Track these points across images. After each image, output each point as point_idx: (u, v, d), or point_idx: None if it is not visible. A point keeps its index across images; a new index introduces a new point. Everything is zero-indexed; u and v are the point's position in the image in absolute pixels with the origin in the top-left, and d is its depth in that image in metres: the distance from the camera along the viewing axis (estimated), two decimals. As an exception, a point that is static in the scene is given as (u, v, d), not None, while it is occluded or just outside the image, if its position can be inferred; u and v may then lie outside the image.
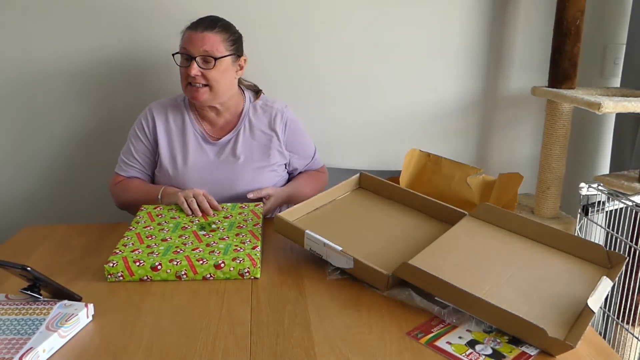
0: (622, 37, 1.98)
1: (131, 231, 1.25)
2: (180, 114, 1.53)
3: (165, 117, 1.53)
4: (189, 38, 1.42)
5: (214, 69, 1.42)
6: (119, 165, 1.57)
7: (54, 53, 1.78)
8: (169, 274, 1.12)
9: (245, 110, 1.55)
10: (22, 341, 0.87)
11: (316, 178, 1.67)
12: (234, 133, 1.52)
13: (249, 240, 1.20)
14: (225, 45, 1.43)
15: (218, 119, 1.53)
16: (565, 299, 0.98)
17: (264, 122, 1.55)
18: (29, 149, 1.86)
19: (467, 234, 1.17)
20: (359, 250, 1.12)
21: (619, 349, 1.57)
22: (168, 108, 1.54)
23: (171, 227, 1.27)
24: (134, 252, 1.15)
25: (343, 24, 1.86)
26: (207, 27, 1.42)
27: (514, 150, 2.07)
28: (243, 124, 1.53)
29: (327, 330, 0.95)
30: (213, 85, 1.43)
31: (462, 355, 0.88)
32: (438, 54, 1.93)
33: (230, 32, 1.46)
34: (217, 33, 1.42)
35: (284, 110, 1.57)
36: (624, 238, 1.46)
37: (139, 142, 1.54)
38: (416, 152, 1.69)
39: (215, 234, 1.23)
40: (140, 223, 1.30)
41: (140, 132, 1.54)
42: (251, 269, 1.12)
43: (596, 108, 1.57)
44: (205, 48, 1.40)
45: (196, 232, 1.24)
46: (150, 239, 1.22)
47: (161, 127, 1.52)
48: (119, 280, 1.12)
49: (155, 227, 1.27)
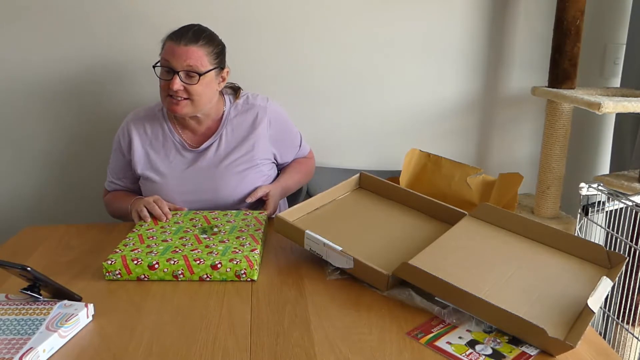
0: (622, 37, 1.98)
1: (134, 232, 1.26)
2: (159, 124, 1.50)
3: (143, 130, 1.50)
4: (172, 51, 1.35)
5: (197, 83, 1.37)
6: (107, 180, 1.60)
7: (54, 53, 1.78)
8: (166, 273, 1.12)
9: (226, 114, 1.51)
10: (22, 341, 0.87)
11: (304, 164, 1.66)
12: (215, 138, 1.49)
13: (249, 243, 1.20)
14: (209, 59, 1.38)
15: (199, 127, 1.49)
16: (565, 299, 0.98)
17: (246, 122, 1.51)
18: (28, 149, 1.86)
19: (467, 234, 1.17)
20: (359, 250, 1.12)
21: (619, 349, 1.57)
22: (145, 120, 1.51)
23: (173, 230, 1.28)
24: (133, 251, 1.16)
25: (343, 24, 1.86)
26: (190, 40, 1.35)
27: (514, 150, 2.07)
28: (224, 128, 1.49)
29: (327, 330, 0.95)
30: (195, 99, 1.39)
31: (462, 355, 0.88)
32: (438, 54, 1.93)
33: (214, 45, 1.40)
34: (201, 47, 1.36)
35: (266, 106, 1.53)
36: (624, 238, 1.46)
37: (118, 157, 1.54)
38: (416, 152, 1.69)
39: (216, 237, 1.24)
40: (144, 226, 1.30)
41: (117, 148, 1.53)
42: (248, 270, 1.12)
43: (596, 108, 1.57)
44: (189, 63, 1.34)
45: (197, 236, 1.25)
46: (152, 239, 1.22)
47: (137, 141, 1.49)
48: (116, 278, 1.12)
49: (158, 230, 1.28)
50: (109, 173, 1.58)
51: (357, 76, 1.92)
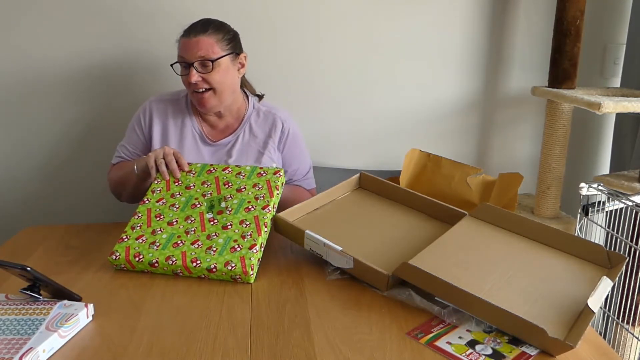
0: (622, 37, 1.98)
1: (144, 205, 1.26)
2: (181, 111, 1.53)
3: (165, 113, 1.52)
4: (184, 46, 1.40)
5: (213, 71, 1.40)
6: (114, 155, 1.58)
7: (54, 53, 1.78)
8: (166, 271, 1.15)
9: (248, 115, 1.54)
10: (22, 341, 0.87)
11: (300, 192, 1.58)
12: (233, 137, 1.51)
13: (250, 234, 1.16)
14: (220, 45, 1.41)
15: (219, 122, 1.52)
16: (565, 299, 0.98)
17: (264, 129, 1.53)
18: (29, 149, 1.86)
19: (467, 234, 1.17)
20: (359, 250, 1.12)
21: (619, 349, 1.57)
22: (168, 104, 1.54)
23: (182, 202, 1.26)
24: (138, 239, 1.18)
25: (343, 24, 1.86)
26: (199, 31, 1.40)
27: (514, 150, 2.07)
28: (243, 129, 1.52)
29: (327, 330, 0.95)
30: (216, 87, 1.42)
31: (462, 356, 0.88)
32: (438, 54, 1.93)
33: (224, 32, 1.44)
34: (210, 35, 1.40)
35: (286, 119, 1.55)
36: (624, 238, 1.46)
37: (134, 135, 1.54)
38: (416, 152, 1.69)
39: (220, 219, 1.21)
40: (156, 193, 1.29)
41: (137, 125, 1.54)
42: (242, 276, 1.11)
43: (596, 108, 1.57)
44: (200, 53, 1.38)
45: (203, 216, 1.22)
46: (158, 219, 1.22)
47: (158, 124, 1.51)
48: (122, 269, 1.18)
49: (168, 201, 1.26)
50: (119, 149, 1.56)
51: (357, 76, 1.92)
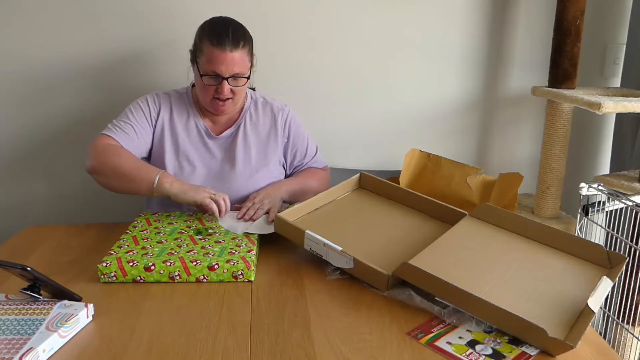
0: (622, 37, 1.98)
1: (127, 234, 1.26)
2: (185, 107, 1.53)
3: (170, 108, 1.52)
4: (217, 58, 1.36)
5: (244, 85, 1.43)
6: (110, 128, 1.44)
7: (54, 53, 1.77)
8: (162, 275, 1.11)
9: (247, 106, 1.56)
10: (22, 341, 0.87)
11: (316, 173, 1.64)
12: (234, 127, 1.53)
13: (245, 244, 1.20)
14: (249, 58, 1.42)
15: (222, 117, 1.53)
16: (565, 299, 0.98)
17: (264, 119, 1.55)
18: (29, 149, 1.86)
19: (467, 234, 1.17)
20: (359, 250, 1.12)
21: (619, 349, 1.57)
22: (172, 100, 1.54)
23: (168, 231, 1.27)
24: (128, 252, 1.15)
25: (343, 25, 1.86)
26: (233, 45, 1.36)
27: (514, 150, 2.07)
28: (244, 119, 1.54)
29: (327, 330, 0.95)
30: (238, 96, 1.44)
31: (462, 356, 0.88)
32: (438, 54, 1.93)
33: (251, 43, 1.44)
34: (243, 49, 1.38)
35: (283, 106, 1.58)
36: (624, 238, 1.46)
37: (141, 116, 1.47)
38: (416, 152, 1.69)
39: (211, 238, 1.24)
40: (137, 227, 1.30)
41: (144, 108, 1.48)
42: (245, 271, 1.12)
43: (596, 108, 1.57)
44: (236, 70, 1.38)
45: (192, 237, 1.25)
46: (146, 241, 1.22)
47: (166, 115, 1.51)
48: (112, 280, 1.12)
49: (152, 231, 1.28)
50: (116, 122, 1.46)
51: (356, 77, 1.91)
